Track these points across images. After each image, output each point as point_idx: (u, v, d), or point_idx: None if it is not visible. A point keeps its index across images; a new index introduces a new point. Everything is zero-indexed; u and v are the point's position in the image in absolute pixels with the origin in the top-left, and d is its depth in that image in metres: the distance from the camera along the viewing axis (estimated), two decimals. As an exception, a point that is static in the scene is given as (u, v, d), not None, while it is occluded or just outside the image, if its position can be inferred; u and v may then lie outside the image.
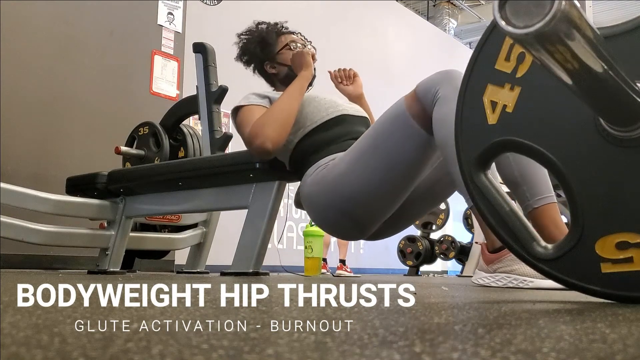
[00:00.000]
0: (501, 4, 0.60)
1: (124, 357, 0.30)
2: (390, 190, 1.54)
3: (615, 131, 0.80)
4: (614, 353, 0.36)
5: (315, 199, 1.63)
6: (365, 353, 0.34)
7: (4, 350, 0.31)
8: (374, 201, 1.56)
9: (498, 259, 1.51)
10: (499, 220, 0.90)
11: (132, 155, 2.88)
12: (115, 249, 2.42)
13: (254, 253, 1.94)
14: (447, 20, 10.82)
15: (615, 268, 0.80)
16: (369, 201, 1.55)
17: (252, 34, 1.99)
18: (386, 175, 1.50)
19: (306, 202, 1.68)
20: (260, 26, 2.00)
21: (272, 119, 1.68)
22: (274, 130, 1.67)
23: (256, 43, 1.96)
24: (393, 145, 1.47)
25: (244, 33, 2.01)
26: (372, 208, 1.58)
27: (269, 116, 1.69)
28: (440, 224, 5.73)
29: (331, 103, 1.82)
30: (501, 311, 0.70)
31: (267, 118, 1.69)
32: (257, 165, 1.91)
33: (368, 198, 1.54)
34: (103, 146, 3.22)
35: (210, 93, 2.64)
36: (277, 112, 1.70)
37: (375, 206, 1.58)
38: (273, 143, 1.67)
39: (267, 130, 1.66)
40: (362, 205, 1.56)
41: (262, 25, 2.00)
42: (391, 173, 1.49)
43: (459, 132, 0.94)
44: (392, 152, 1.47)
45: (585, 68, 0.64)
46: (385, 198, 1.56)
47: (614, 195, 0.82)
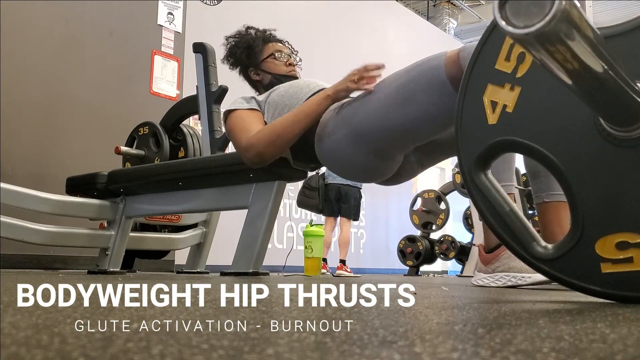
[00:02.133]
0: (501, 4, 0.60)
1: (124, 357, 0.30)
2: (417, 135, 1.49)
3: (615, 131, 0.80)
4: (614, 353, 0.36)
5: (342, 146, 1.55)
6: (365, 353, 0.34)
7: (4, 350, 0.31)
8: (401, 139, 1.50)
9: (495, 258, 1.52)
10: (499, 220, 0.90)
11: (132, 155, 2.88)
12: (115, 249, 2.42)
13: (254, 253, 1.94)
14: (447, 20, 10.82)
15: (615, 268, 0.80)
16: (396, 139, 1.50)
17: (240, 38, 2.00)
18: (414, 124, 1.44)
19: (331, 154, 1.60)
20: (249, 31, 2.01)
21: (271, 138, 1.63)
22: (270, 151, 1.64)
23: (243, 49, 1.97)
24: (424, 100, 1.41)
25: (232, 36, 2.02)
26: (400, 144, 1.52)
27: (269, 134, 1.64)
28: (440, 224, 5.73)
29: (308, 81, 1.81)
30: (501, 311, 0.70)
31: (266, 136, 1.64)
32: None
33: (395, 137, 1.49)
34: (103, 146, 3.22)
35: (210, 93, 2.64)
36: (280, 132, 1.63)
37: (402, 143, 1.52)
38: (264, 161, 1.66)
39: (262, 148, 1.63)
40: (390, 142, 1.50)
41: (251, 30, 2.00)
42: (419, 123, 1.44)
43: (459, 131, 0.94)
44: (423, 106, 1.41)
45: (585, 68, 0.64)
46: (413, 138, 1.51)
47: (614, 195, 0.82)
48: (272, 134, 1.65)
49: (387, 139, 1.48)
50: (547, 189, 1.42)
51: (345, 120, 1.53)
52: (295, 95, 1.75)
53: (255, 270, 1.93)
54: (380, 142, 1.49)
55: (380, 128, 1.46)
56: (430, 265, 6.08)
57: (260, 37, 1.98)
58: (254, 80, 2.00)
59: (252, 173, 1.96)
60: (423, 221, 5.74)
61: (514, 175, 1.58)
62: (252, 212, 1.99)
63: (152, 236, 2.78)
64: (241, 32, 2.01)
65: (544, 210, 1.40)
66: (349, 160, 1.56)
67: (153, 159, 2.81)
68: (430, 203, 5.74)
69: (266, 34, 2.01)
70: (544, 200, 1.41)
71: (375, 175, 1.64)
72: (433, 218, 5.71)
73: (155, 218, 2.70)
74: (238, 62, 2.00)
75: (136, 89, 3.87)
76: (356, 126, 1.50)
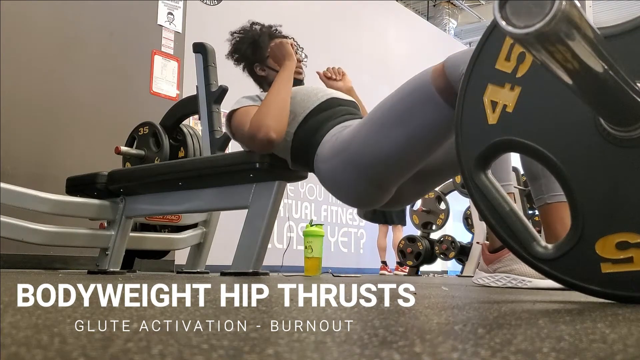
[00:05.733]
0: (502, 4, 0.60)
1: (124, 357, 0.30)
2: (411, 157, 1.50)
3: (615, 131, 0.80)
4: (614, 353, 0.36)
5: (337, 172, 1.58)
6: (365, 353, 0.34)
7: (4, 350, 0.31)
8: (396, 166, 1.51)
9: (497, 259, 1.52)
10: (499, 220, 0.90)
11: (132, 155, 2.88)
12: (115, 249, 2.42)
13: (254, 253, 1.94)
14: (447, 20, 10.82)
15: (615, 268, 0.80)
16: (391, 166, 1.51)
17: (245, 33, 1.99)
18: (407, 143, 1.45)
19: (328, 178, 1.64)
20: (254, 27, 2.00)
21: (269, 109, 1.70)
22: (274, 118, 1.68)
23: (248, 44, 1.97)
24: (415, 116, 1.42)
25: (237, 32, 2.02)
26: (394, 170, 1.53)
27: (265, 108, 1.70)
28: (440, 224, 5.73)
29: (319, 89, 1.83)
30: (501, 311, 0.70)
31: (264, 110, 1.70)
32: (257, 165, 1.91)
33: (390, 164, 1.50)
34: (103, 146, 3.22)
35: (210, 93, 2.64)
36: (272, 103, 1.72)
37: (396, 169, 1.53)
38: (276, 131, 1.67)
39: (267, 120, 1.67)
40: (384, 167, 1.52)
41: (256, 26, 2.00)
42: (412, 141, 1.45)
43: (459, 131, 0.94)
44: (413, 122, 1.43)
45: (586, 68, 0.64)
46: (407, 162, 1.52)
47: (614, 195, 0.82)
48: (268, 107, 1.70)
49: (383, 166, 1.51)
50: (548, 190, 1.42)
51: (342, 147, 1.56)
52: (303, 102, 1.76)
53: (255, 270, 1.93)
54: (375, 170, 1.52)
55: (375, 156, 1.49)
56: (430, 265, 6.08)
57: (266, 32, 1.98)
58: (259, 76, 2.00)
59: (252, 173, 1.96)
60: (423, 221, 5.74)
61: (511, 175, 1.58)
62: (252, 212, 1.99)
63: (152, 236, 2.78)
64: (246, 28, 2.01)
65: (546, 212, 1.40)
66: (346, 187, 1.60)
67: (153, 159, 2.81)
68: (430, 203, 5.73)
69: (272, 29, 2.01)
70: (547, 202, 1.41)
71: (369, 204, 1.69)
72: (433, 218, 5.71)
73: (155, 218, 2.70)
74: (243, 57, 2.00)
75: (136, 89, 3.87)
76: (351, 155, 1.53)
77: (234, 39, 2.01)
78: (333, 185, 1.64)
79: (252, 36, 1.97)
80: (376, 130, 1.48)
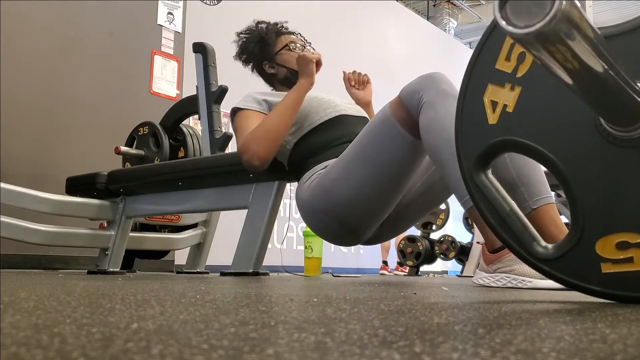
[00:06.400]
0: (502, 4, 0.60)
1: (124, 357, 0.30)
2: (380, 194, 1.54)
3: (615, 131, 0.80)
4: (614, 353, 0.36)
5: (310, 207, 1.63)
6: (365, 353, 0.34)
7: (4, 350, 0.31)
8: (366, 206, 1.56)
9: (498, 259, 1.52)
10: (499, 220, 0.90)
11: (132, 155, 2.88)
12: (115, 249, 2.42)
13: (254, 253, 1.94)
14: (447, 20, 10.82)
15: (615, 268, 0.80)
16: (361, 207, 1.56)
17: (251, 33, 1.99)
18: (375, 180, 1.50)
19: (302, 209, 1.69)
20: (260, 25, 2.00)
21: (262, 135, 1.68)
22: (263, 147, 1.67)
23: (255, 42, 1.96)
24: (380, 151, 1.47)
25: (243, 32, 2.01)
26: (365, 213, 1.58)
27: (260, 132, 1.69)
28: (440, 224, 5.72)
29: (330, 103, 1.81)
30: (501, 311, 0.70)
31: (257, 134, 1.69)
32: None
33: (360, 204, 1.55)
34: (103, 146, 3.23)
35: (210, 93, 2.64)
36: (268, 128, 1.69)
37: (367, 211, 1.58)
38: (260, 160, 1.68)
39: (255, 147, 1.67)
40: (355, 211, 1.57)
41: (262, 25, 2.00)
42: (380, 178, 1.50)
43: (459, 131, 0.94)
44: (379, 157, 1.48)
45: (586, 68, 0.64)
46: (377, 202, 1.57)
47: (614, 195, 0.82)
48: (262, 131, 1.69)
49: (352, 207, 1.55)
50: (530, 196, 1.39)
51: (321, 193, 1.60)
52: (310, 115, 1.77)
53: (255, 270, 1.93)
54: (345, 212, 1.56)
55: (345, 195, 1.54)
56: (430, 266, 6.08)
57: (272, 29, 1.98)
58: (268, 74, 1.99)
59: (252, 173, 1.96)
60: (423, 221, 5.74)
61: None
62: (252, 212, 1.99)
63: (152, 236, 2.78)
64: (252, 28, 2.01)
65: (534, 217, 1.38)
66: (323, 227, 1.66)
67: (153, 159, 2.81)
68: (430, 203, 5.73)
69: (278, 26, 2.00)
70: (532, 207, 1.39)
71: (346, 242, 1.74)
72: (433, 218, 5.71)
73: (155, 218, 2.70)
74: (251, 56, 1.99)
75: (136, 89, 3.87)
76: (329, 201, 1.58)
77: (241, 40, 2.00)
78: (312, 224, 1.69)
79: (258, 34, 1.97)
80: (345, 169, 1.54)
